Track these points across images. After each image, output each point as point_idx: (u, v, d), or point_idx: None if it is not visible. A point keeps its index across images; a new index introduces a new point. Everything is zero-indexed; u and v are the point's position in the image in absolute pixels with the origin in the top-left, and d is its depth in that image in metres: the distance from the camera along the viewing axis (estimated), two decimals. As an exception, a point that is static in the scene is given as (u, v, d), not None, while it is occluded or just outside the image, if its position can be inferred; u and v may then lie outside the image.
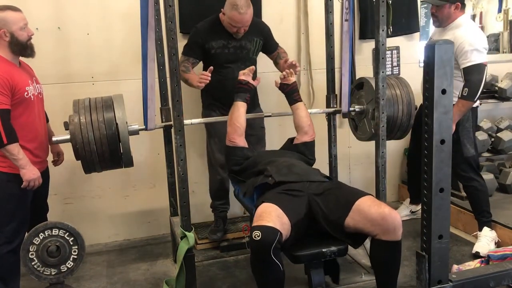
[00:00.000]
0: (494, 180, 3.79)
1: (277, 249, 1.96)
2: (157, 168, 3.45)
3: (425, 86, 1.31)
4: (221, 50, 3.01)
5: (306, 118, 2.77)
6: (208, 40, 2.99)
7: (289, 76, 2.81)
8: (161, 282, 2.72)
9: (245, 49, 3.06)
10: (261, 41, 3.13)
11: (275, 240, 1.94)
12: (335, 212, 2.16)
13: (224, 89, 3.01)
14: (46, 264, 2.32)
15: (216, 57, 3.01)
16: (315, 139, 2.78)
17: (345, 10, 2.86)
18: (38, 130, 2.56)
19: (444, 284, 1.34)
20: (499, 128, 4.02)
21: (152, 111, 2.58)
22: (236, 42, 3.02)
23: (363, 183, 3.89)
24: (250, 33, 3.05)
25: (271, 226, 1.97)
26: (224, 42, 3.01)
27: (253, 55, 3.12)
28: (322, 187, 2.29)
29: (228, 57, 3.02)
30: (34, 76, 2.63)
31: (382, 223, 2.04)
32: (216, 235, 3.25)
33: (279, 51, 3.23)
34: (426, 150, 1.35)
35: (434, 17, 3.07)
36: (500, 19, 4.47)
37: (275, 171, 2.38)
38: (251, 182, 2.46)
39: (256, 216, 2.07)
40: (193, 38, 3.02)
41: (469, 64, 2.85)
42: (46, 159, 2.67)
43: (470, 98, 2.85)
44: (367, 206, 2.10)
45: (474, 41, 2.89)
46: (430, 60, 1.27)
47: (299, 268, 2.45)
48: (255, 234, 1.94)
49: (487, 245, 3.01)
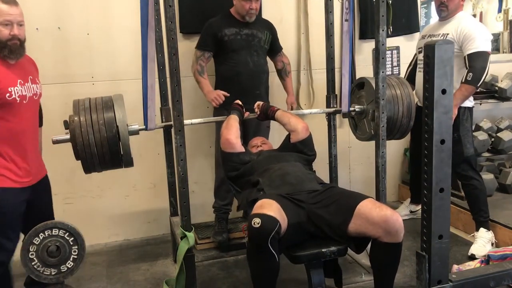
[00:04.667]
0: (494, 180, 3.79)
1: (274, 239, 1.96)
2: (157, 168, 3.45)
3: (425, 86, 1.31)
4: (234, 36, 3.13)
5: (288, 119, 2.76)
6: (221, 29, 3.12)
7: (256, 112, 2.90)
8: (161, 282, 2.72)
9: (257, 37, 3.19)
10: (270, 35, 3.27)
11: (275, 229, 1.94)
12: (337, 219, 2.16)
13: (238, 76, 3.14)
14: (46, 264, 2.32)
15: (229, 43, 3.13)
16: (310, 133, 2.75)
17: (345, 10, 2.86)
18: (28, 138, 2.29)
19: (444, 284, 1.34)
20: (499, 128, 4.02)
21: (152, 111, 2.58)
22: (248, 30, 3.16)
23: (363, 183, 3.89)
24: (261, 25, 3.23)
25: (272, 215, 1.97)
26: (236, 30, 3.14)
27: (264, 44, 3.24)
28: (320, 196, 2.28)
29: (241, 43, 3.15)
30: (32, 75, 2.36)
31: (384, 225, 2.04)
32: (222, 236, 3.24)
33: (284, 62, 3.37)
34: (426, 150, 1.35)
35: (443, 7, 3.06)
36: (500, 19, 4.46)
37: (268, 184, 2.36)
38: (245, 196, 2.46)
39: (256, 206, 2.07)
40: (206, 30, 3.15)
41: (475, 50, 2.87)
42: (41, 168, 2.45)
43: (474, 83, 2.86)
44: (369, 209, 2.10)
45: (481, 30, 2.95)
46: (430, 60, 1.27)
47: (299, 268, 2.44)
48: (255, 221, 1.94)
49: (483, 246, 3.01)
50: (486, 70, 2.87)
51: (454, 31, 2.97)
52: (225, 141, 2.62)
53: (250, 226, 1.96)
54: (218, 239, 3.23)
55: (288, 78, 3.39)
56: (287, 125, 2.76)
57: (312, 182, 2.40)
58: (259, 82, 3.23)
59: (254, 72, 3.18)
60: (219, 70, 3.24)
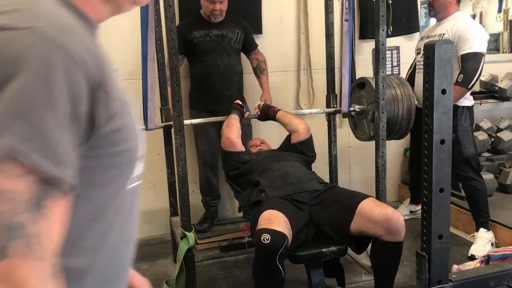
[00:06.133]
0: (494, 180, 3.78)
1: (282, 256, 1.95)
2: (157, 168, 3.45)
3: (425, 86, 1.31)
4: (203, 38, 3.13)
5: (289, 120, 2.77)
6: (190, 31, 3.11)
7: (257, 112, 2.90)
8: (161, 282, 2.71)
9: (226, 37, 3.17)
10: (242, 33, 3.23)
11: (283, 245, 1.93)
12: (339, 219, 2.16)
13: (209, 78, 3.14)
14: (46, 264, 2.32)
15: (198, 45, 3.12)
16: (311, 134, 2.76)
17: (345, 10, 2.86)
18: None
19: (444, 284, 1.34)
20: (499, 128, 4.02)
21: (152, 111, 2.58)
22: (217, 31, 3.14)
23: (363, 183, 3.89)
24: (231, 24, 3.19)
25: (281, 232, 1.96)
26: (205, 31, 3.13)
27: (235, 44, 3.21)
28: (321, 197, 2.28)
29: (210, 45, 3.13)
30: None
31: (386, 224, 2.04)
32: (203, 226, 3.34)
33: (259, 59, 3.32)
34: (426, 150, 1.35)
35: (430, 6, 3.10)
36: (500, 19, 4.46)
37: (269, 184, 2.36)
38: (246, 196, 2.46)
39: (263, 219, 2.05)
40: (176, 33, 3.09)
41: (468, 51, 2.85)
42: None
43: (464, 84, 2.84)
44: (370, 208, 2.10)
45: (477, 30, 2.93)
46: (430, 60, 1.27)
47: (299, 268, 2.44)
48: (264, 237, 1.92)
49: (483, 246, 3.01)
50: (478, 71, 2.85)
51: (450, 31, 2.97)
52: (227, 140, 2.62)
53: (259, 242, 1.94)
54: (199, 228, 3.32)
55: (263, 75, 3.34)
56: (288, 126, 2.76)
57: (313, 181, 2.40)
58: (230, 83, 3.22)
59: (224, 73, 3.17)
60: (192, 72, 3.27)
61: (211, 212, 3.40)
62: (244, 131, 3.26)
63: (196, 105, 3.24)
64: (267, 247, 1.93)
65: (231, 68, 3.21)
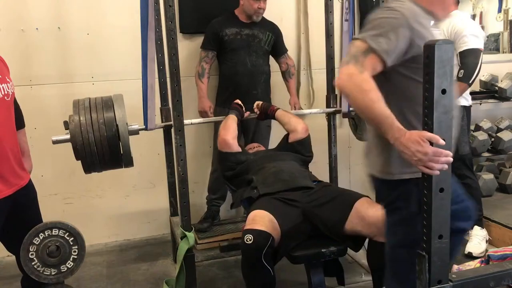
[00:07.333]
0: (494, 180, 3.78)
1: (268, 254, 1.95)
2: (157, 168, 3.45)
3: (425, 86, 1.31)
4: (234, 36, 3.20)
5: (289, 119, 2.78)
6: (223, 28, 3.19)
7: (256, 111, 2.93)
8: (161, 282, 2.71)
9: (257, 38, 3.24)
10: (273, 36, 3.31)
11: (267, 244, 1.94)
12: (334, 217, 2.15)
13: (236, 76, 3.21)
14: (46, 264, 2.31)
15: (229, 43, 3.19)
16: (309, 134, 2.76)
17: (345, 10, 2.86)
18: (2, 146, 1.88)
19: (444, 284, 1.34)
20: (499, 128, 4.02)
21: (152, 111, 2.58)
22: (249, 30, 3.22)
23: (363, 183, 3.85)
24: (263, 26, 3.27)
25: (264, 230, 1.97)
26: (237, 30, 3.21)
27: (265, 45, 3.28)
28: (315, 195, 2.28)
29: (240, 43, 3.21)
30: (1, 74, 1.94)
31: (380, 225, 2.04)
32: (203, 225, 3.35)
33: (288, 64, 3.42)
34: (426, 150, 1.34)
35: None
36: (500, 19, 4.46)
37: (261, 182, 2.37)
38: (239, 194, 2.47)
39: (248, 220, 2.08)
40: (209, 29, 3.23)
41: (466, 47, 2.86)
42: (20, 176, 2.03)
43: (465, 80, 2.84)
44: (365, 208, 2.10)
45: (472, 27, 2.94)
46: (430, 60, 1.27)
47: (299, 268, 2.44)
48: (247, 238, 1.94)
49: (479, 244, 3.02)
50: (478, 67, 2.86)
51: (445, 30, 2.97)
52: (222, 141, 2.63)
53: (242, 243, 1.96)
54: (199, 227, 3.34)
55: (291, 80, 3.45)
56: (287, 125, 2.76)
57: (305, 179, 2.41)
58: (257, 82, 3.26)
59: (252, 72, 3.22)
60: (221, 69, 3.33)
61: (212, 211, 3.41)
62: (262, 133, 3.30)
63: (222, 103, 3.28)
64: (250, 247, 1.94)
65: (259, 67, 3.26)
